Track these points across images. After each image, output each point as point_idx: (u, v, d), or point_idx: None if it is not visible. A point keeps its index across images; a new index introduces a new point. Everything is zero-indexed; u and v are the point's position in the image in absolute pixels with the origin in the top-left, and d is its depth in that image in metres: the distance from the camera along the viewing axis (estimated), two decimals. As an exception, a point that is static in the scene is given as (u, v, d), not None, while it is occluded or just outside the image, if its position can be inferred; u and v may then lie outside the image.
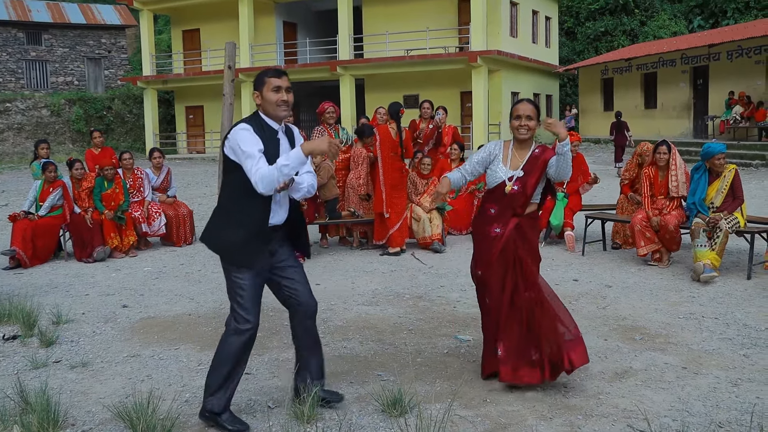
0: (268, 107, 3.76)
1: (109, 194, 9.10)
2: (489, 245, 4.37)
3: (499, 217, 4.37)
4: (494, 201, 4.42)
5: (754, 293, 6.43)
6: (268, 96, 3.74)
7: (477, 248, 4.48)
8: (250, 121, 3.77)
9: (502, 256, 4.33)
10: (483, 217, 4.46)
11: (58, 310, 6.12)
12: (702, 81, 24.53)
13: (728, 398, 4.03)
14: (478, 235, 4.48)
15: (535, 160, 4.39)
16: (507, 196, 4.35)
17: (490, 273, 4.35)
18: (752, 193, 13.22)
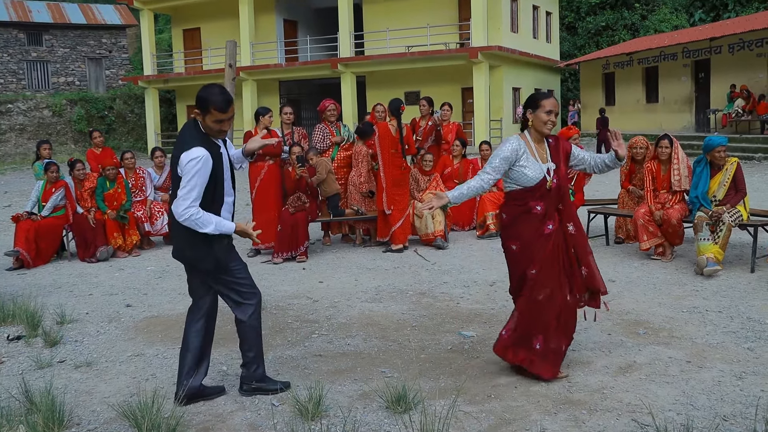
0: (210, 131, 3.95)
1: (111, 194, 9.10)
2: (543, 243, 4.29)
3: (548, 213, 4.31)
4: (539, 198, 4.30)
5: (758, 286, 6.42)
6: (210, 124, 3.92)
7: (528, 249, 4.33)
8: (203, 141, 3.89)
9: (555, 252, 4.31)
10: (529, 216, 4.31)
11: (61, 310, 6.14)
12: (703, 74, 24.48)
13: (733, 391, 4.03)
14: (528, 235, 4.32)
15: (556, 150, 4.39)
16: (550, 190, 4.30)
17: (546, 270, 4.30)
18: (755, 186, 13.20)
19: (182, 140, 3.92)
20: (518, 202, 4.36)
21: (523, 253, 4.35)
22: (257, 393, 4.19)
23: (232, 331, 5.55)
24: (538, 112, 4.29)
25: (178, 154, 3.90)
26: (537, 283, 4.32)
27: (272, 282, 7.33)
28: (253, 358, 4.19)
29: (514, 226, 4.39)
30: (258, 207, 8.73)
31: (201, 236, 3.92)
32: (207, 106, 3.87)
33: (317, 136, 9.26)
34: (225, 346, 5.20)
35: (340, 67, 27.16)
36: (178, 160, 3.87)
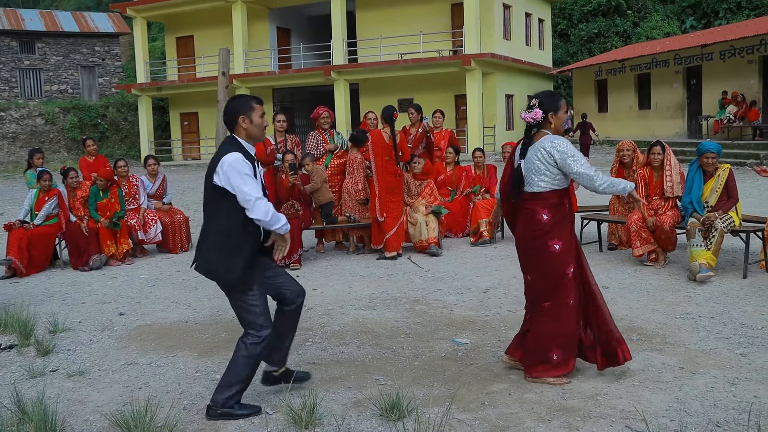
0: (256, 131, 4.05)
1: (105, 203, 9.08)
2: (574, 240, 4.49)
3: (571, 210, 4.51)
4: (567, 196, 4.48)
5: (751, 292, 6.44)
6: (258, 121, 4.04)
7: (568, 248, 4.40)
8: (237, 148, 3.96)
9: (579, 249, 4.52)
10: (566, 216, 4.45)
11: (54, 318, 6.11)
12: (695, 81, 24.60)
13: (726, 397, 4.04)
14: (565, 235, 4.40)
15: None
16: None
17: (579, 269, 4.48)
18: (747, 192, 13.26)
19: (219, 153, 4.00)
20: (557, 201, 4.41)
21: (566, 252, 4.40)
22: (221, 418, 3.99)
23: (226, 339, 5.56)
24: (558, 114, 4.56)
25: (214, 166, 3.96)
26: (573, 286, 4.40)
27: (266, 290, 7.31)
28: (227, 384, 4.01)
29: (557, 225, 4.41)
30: (251, 215, 8.70)
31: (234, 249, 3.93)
32: (248, 104, 4.04)
33: (310, 143, 9.26)
34: (219, 355, 5.19)
35: (333, 75, 27.18)
36: (215, 169, 3.93)
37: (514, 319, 5.86)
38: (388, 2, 27.74)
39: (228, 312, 6.43)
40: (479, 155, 10.42)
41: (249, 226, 3.94)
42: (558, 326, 4.38)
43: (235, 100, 4.11)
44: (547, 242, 4.40)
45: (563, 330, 4.39)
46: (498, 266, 8.09)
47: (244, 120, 4.01)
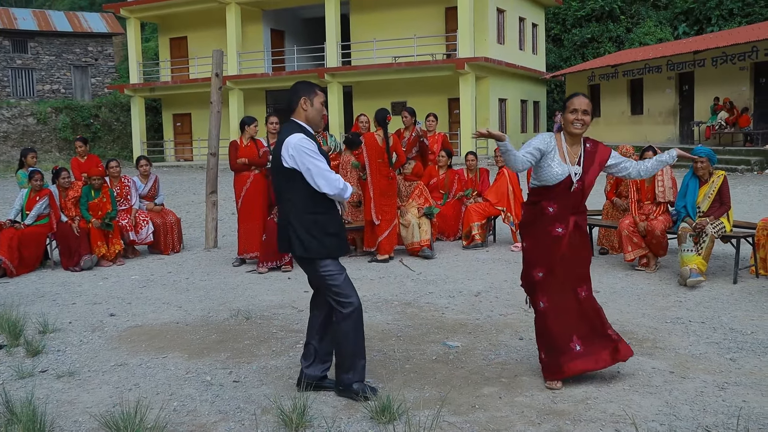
0: (315, 116, 4.20)
1: (96, 203, 9.05)
2: (550, 246, 4.32)
3: (559, 216, 4.31)
4: (553, 199, 4.31)
5: (740, 297, 6.47)
6: (318, 106, 4.20)
7: (535, 249, 4.38)
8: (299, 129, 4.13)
9: (564, 256, 4.33)
10: (541, 217, 4.35)
11: (44, 319, 6.08)
12: (687, 87, 24.72)
13: (715, 402, 4.05)
14: (536, 236, 4.37)
15: (591, 155, 4.38)
16: (570, 193, 4.31)
17: (551, 275, 4.34)
18: (738, 198, 13.31)
19: (283, 135, 4.14)
20: (535, 199, 4.39)
21: (530, 253, 4.41)
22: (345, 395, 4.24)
23: (216, 341, 5.55)
24: (565, 113, 4.36)
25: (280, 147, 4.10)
26: (537, 287, 4.39)
27: (257, 291, 7.31)
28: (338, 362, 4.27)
29: (528, 224, 4.45)
30: (243, 216, 8.72)
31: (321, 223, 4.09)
32: (312, 88, 4.20)
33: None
34: (209, 356, 5.18)
35: (326, 77, 27.20)
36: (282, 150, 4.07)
37: (506, 322, 5.87)
38: (382, 5, 27.78)
39: (219, 314, 6.42)
40: (472, 159, 10.44)
41: (327, 202, 4.13)
42: (538, 327, 4.47)
43: (301, 83, 4.25)
44: (522, 239, 4.54)
45: (543, 332, 4.43)
46: (490, 270, 8.10)
47: (306, 101, 4.16)
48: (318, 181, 4.02)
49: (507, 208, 9.47)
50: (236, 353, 5.24)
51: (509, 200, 9.47)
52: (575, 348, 4.37)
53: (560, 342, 4.38)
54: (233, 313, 6.36)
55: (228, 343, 5.50)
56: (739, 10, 32.48)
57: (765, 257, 7.18)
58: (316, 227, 4.09)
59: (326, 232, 4.10)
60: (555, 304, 4.37)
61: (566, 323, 4.38)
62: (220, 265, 8.85)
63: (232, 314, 6.35)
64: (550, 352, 4.40)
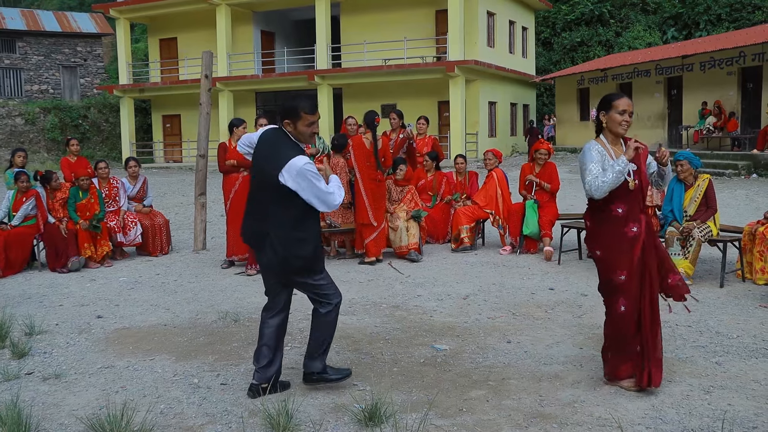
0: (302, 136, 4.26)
1: (84, 204, 9.01)
2: (629, 246, 4.24)
3: (630, 215, 4.26)
4: (620, 200, 4.24)
5: (727, 301, 6.51)
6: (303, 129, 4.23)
7: (613, 253, 4.28)
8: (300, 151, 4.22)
9: (649, 254, 4.27)
10: (611, 220, 4.28)
11: (31, 321, 6.05)
12: (676, 91, 24.85)
13: (701, 405, 4.07)
14: (612, 240, 4.28)
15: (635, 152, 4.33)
16: (632, 192, 4.25)
17: (633, 277, 4.26)
18: (725, 202, 13.39)
19: (278, 151, 4.18)
20: (599, 204, 4.32)
21: (607, 258, 4.32)
22: (320, 383, 4.44)
23: (204, 343, 5.54)
24: (611, 112, 4.31)
25: (276, 165, 4.11)
26: (624, 292, 4.29)
27: (245, 294, 7.30)
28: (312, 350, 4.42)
29: (597, 231, 4.38)
30: (232, 218, 8.69)
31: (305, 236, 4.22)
32: (297, 112, 4.20)
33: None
34: (197, 359, 5.17)
35: (316, 79, 27.19)
36: (281, 170, 4.10)
37: (494, 325, 5.88)
38: (372, 8, 27.80)
39: (207, 316, 6.41)
40: (461, 162, 10.45)
41: (314, 220, 4.30)
42: (612, 329, 4.40)
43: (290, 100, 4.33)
44: (591, 248, 4.44)
45: (612, 332, 4.39)
46: (478, 273, 8.11)
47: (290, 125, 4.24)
48: (317, 204, 4.17)
49: (495, 211, 9.49)
50: (224, 356, 5.23)
51: (498, 203, 9.49)
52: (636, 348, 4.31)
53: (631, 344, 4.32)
54: (221, 316, 6.35)
55: (216, 346, 5.48)
56: (727, 16, 32.73)
57: (751, 261, 7.23)
58: (300, 246, 4.21)
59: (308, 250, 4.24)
60: (636, 309, 4.29)
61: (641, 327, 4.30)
62: (208, 267, 8.83)
63: (221, 316, 6.33)
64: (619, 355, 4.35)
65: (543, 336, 5.56)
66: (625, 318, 4.30)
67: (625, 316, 4.30)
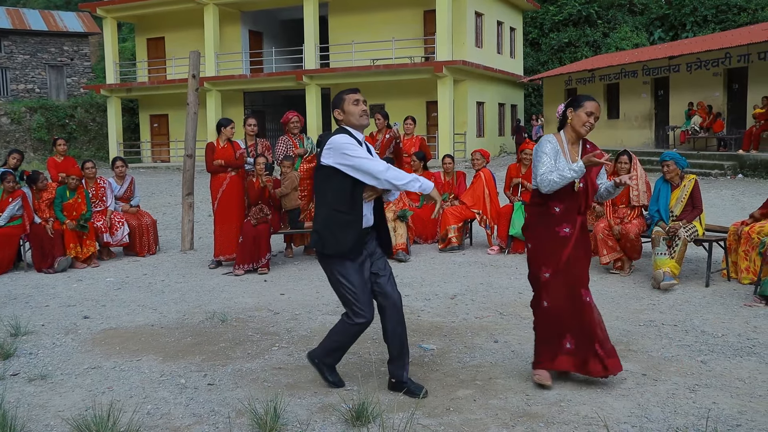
0: (353, 116, 4.21)
1: (71, 204, 8.97)
2: (558, 246, 4.29)
3: (566, 215, 4.29)
4: (559, 199, 4.28)
5: (712, 300, 6.56)
6: (349, 108, 4.21)
7: (542, 249, 4.35)
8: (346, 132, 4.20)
9: (575, 255, 4.30)
10: (546, 217, 4.33)
11: (16, 321, 6.02)
12: (663, 92, 24.98)
13: (686, 404, 4.10)
14: (543, 236, 4.34)
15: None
16: (575, 193, 4.27)
17: (557, 275, 4.33)
18: (711, 202, 13.48)
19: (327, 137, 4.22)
20: (539, 200, 4.37)
21: (536, 253, 4.39)
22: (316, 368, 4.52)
23: (191, 344, 5.52)
24: (579, 111, 4.31)
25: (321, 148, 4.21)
26: (543, 287, 4.39)
27: (233, 294, 7.29)
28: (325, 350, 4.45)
29: (532, 225, 4.45)
30: (220, 218, 8.68)
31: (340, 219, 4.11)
32: (340, 97, 4.26)
33: (280, 148, 9.24)
34: (184, 359, 5.15)
35: (305, 79, 27.17)
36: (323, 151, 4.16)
37: (481, 325, 5.90)
38: (360, 8, 27.81)
39: (194, 316, 6.39)
40: (449, 162, 10.47)
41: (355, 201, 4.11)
42: (537, 323, 4.52)
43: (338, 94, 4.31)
44: (526, 240, 4.55)
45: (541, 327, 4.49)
46: (466, 273, 8.13)
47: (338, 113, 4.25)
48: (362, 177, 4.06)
49: (483, 211, 9.51)
50: (211, 356, 5.22)
51: (485, 203, 9.51)
52: (566, 345, 4.40)
53: (556, 338, 4.42)
54: (209, 316, 6.34)
55: (203, 346, 5.47)
56: (713, 17, 32.96)
57: (736, 261, 7.28)
58: (336, 224, 4.13)
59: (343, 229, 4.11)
60: (557, 305, 4.37)
61: (564, 323, 4.39)
62: (196, 268, 8.80)
63: (208, 317, 6.32)
64: (543, 344, 4.45)
65: (530, 335, 5.55)
66: (547, 314, 4.42)
67: (547, 312, 4.41)
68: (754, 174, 18.68)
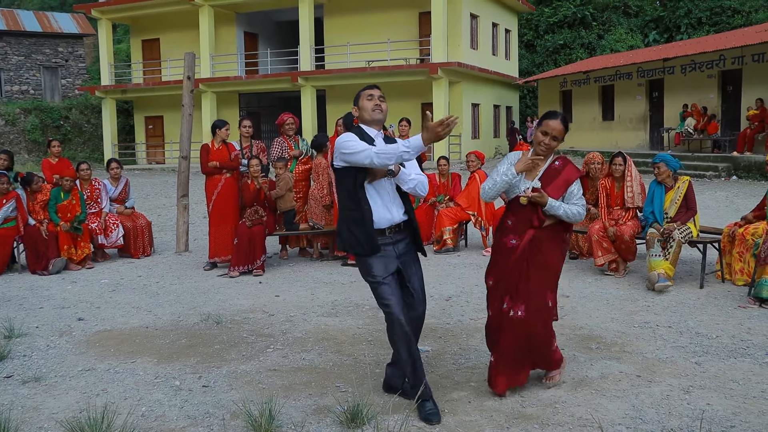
0: (368, 113, 4.19)
1: (65, 205, 8.95)
2: (504, 256, 4.34)
3: (515, 228, 4.32)
4: (512, 212, 4.36)
5: (707, 302, 6.57)
6: (364, 104, 4.20)
7: (493, 258, 4.45)
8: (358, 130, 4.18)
9: (515, 268, 4.30)
10: (501, 229, 4.43)
11: (10, 323, 6.00)
12: (657, 94, 25.04)
13: (680, 405, 4.11)
14: (495, 246, 4.45)
15: (555, 172, 4.33)
16: (524, 207, 4.28)
17: (498, 284, 4.37)
18: (705, 204, 13.51)
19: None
20: (504, 213, 4.48)
21: (489, 262, 4.49)
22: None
23: (186, 346, 5.51)
24: (537, 129, 4.33)
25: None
26: (490, 297, 4.45)
27: (228, 295, 7.28)
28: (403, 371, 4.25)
29: (495, 233, 4.56)
30: (215, 220, 8.68)
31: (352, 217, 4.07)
32: (358, 95, 4.25)
33: (275, 149, 9.24)
34: (179, 361, 5.15)
35: (300, 81, 27.15)
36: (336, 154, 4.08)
37: (476, 327, 5.90)
38: (356, 9, 27.81)
39: (189, 318, 6.38)
40: (443, 163, 10.47)
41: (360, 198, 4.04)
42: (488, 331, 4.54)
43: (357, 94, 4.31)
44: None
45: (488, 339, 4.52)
46: (461, 274, 8.13)
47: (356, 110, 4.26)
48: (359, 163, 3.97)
49: (478, 213, 9.52)
50: (206, 358, 5.22)
51: (480, 205, 9.52)
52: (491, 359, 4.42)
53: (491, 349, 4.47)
54: (203, 318, 6.33)
55: (198, 348, 5.46)
56: (708, 19, 33.04)
57: (731, 263, 7.30)
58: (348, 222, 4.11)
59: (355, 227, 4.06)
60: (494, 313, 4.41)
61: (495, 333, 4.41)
62: (191, 269, 8.79)
63: (203, 318, 6.31)
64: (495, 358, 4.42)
65: (525, 337, 5.58)
66: (489, 322, 4.47)
67: (489, 321, 4.47)
68: (748, 176, 18.74)
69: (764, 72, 20.37)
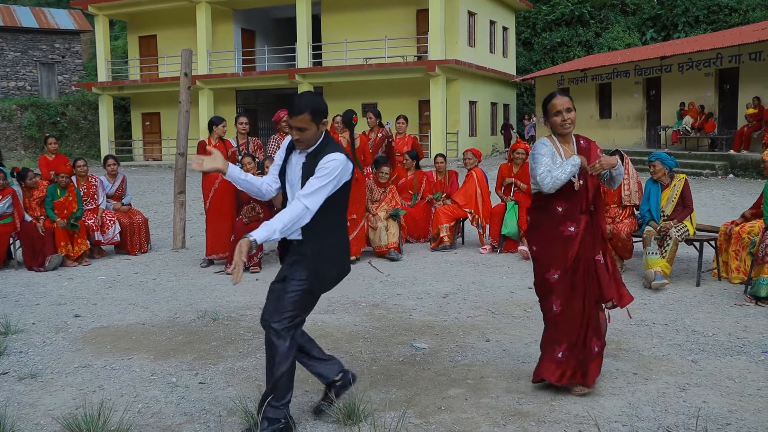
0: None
1: (62, 202, 8.93)
2: (563, 245, 4.21)
3: (569, 214, 4.21)
4: (561, 198, 4.21)
5: (703, 300, 6.58)
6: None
7: (548, 251, 4.26)
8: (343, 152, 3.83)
9: (577, 257, 4.21)
10: (550, 218, 4.25)
11: (6, 320, 5.99)
12: (654, 92, 25.05)
13: (676, 403, 4.12)
14: (548, 237, 4.26)
15: (586, 152, 4.27)
16: (576, 192, 4.20)
17: (565, 276, 4.23)
18: (702, 202, 13.53)
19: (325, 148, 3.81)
20: (541, 202, 4.30)
21: (542, 255, 4.31)
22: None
23: (183, 342, 5.51)
24: (550, 118, 4.24)
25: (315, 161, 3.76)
26: (551, 290, 4.28)
27: (224, 292, 7.28)
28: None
29: (536, 228, 4.37)
30: (212, 217, 8.67)
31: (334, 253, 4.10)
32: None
33: (272, 146, 9.23)
34: (175, 358, 5.14)
35: (297, 78, 27.13)
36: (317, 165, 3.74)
37: (473, 324, 5.90)
38: (353, 7, 27.78)
39: (185, 315, 6.38)
40: (441, 161, 10.48)
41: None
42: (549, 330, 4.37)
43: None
44: (528, 243, 4.48)
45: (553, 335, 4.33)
46: (458, 272, 8.14)
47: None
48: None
49: (475, 210, 9.52)
50: (203, 355, 5.21)
51: (477, 202, 9.53)
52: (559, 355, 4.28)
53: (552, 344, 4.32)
54: (200, 314, 6.32)
55: (194, 345, 5.46)
56: (705, 18, 33.08)
57: (727, 261, 7.31)
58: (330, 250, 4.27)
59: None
60: (567, 308, 4.26)
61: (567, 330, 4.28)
62: (187, 266, 8.78)
63: (199, 315, 6.30)
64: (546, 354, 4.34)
65: (521, 334, 5.59)
66: (558, 318, 4.29)
67: (558, 316, 4.29)
68: (745, 174, 18.76)
69: (761, 70, 20.40)
